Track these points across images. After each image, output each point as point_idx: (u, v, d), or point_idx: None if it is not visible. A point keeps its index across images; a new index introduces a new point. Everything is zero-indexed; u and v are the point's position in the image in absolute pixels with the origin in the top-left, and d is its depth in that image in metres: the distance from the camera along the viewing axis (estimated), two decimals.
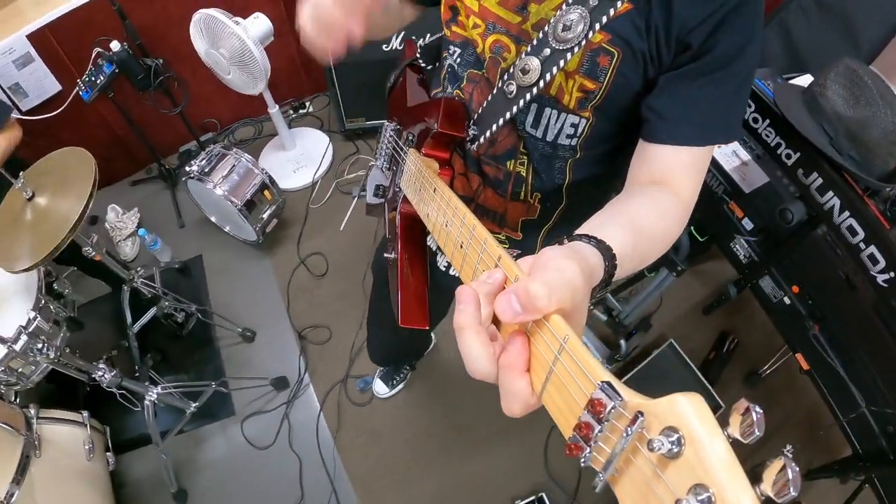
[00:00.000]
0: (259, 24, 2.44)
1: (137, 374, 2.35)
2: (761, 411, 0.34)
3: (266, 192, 2.69)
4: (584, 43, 0.75)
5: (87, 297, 2.79)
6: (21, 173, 1.76)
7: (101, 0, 2.45)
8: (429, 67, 1.07)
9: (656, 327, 2.52)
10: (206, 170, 2.57)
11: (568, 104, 0.84)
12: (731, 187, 1.72)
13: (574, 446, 0.42)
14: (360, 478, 2.30)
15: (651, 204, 0.76)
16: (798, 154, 1.45)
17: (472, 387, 2.43)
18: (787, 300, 1.67)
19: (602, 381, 0.40)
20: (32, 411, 1.85)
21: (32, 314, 1.68)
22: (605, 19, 0.73)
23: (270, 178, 2.70)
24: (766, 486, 0.32)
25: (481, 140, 0.92)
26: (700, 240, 1.88)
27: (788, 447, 0.33)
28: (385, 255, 1.03)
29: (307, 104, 3.54)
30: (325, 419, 2.43)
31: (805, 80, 1.67)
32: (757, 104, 1.53)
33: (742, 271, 1.79)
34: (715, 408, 0.38)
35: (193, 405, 2.16)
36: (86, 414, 2.02)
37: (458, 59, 0.95)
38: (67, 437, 1.95)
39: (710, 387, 2.26)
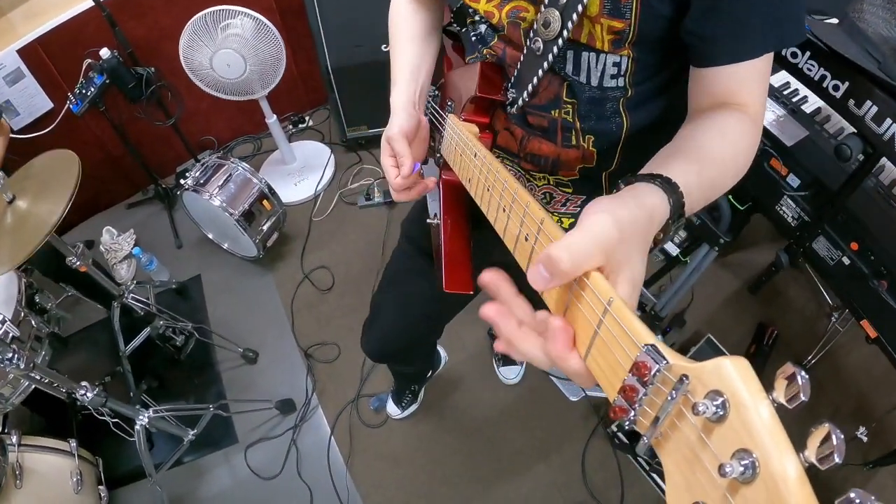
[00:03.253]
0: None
1: (131, 400, 2.18)
2: (807, 376, 0.34)
3: (265, 202, 2.54)
4: None
5: (84, 322, 2.65)
6: (1, 174, 1.66)
7: (92, 11, 2.38)
8: (462, 30, 1.02)
9: (691, 323, 2.35)
10: (202, 181, 2.44)
11: (603, 48, 0.79)
12: (771, 142, 1.59)
13: (619, 409, 0.43)
14: None
15: (714, 129, 0.72)
16: (847, 84, 1.32)
17: (498, 401, 2.28)
18: (846, 260, 1.52)
19: (647, 344, 0.40)
20: (13, 438, 1.69)
21: (1, 316, 1.53)
22: None
23: (269, 186, 2.56)
24: (811, 453, 0.32)
25: (520, 102, 0.90)
26: (740, 208, 1.72)
27: (862, 429, 0.38)
28: (428, 220, 1.05)
29: (307, 118, 3.46)
30: (336, 443, 2.25)
31: (832, 21, 1.57)
32: None
33: (792, 235, 1.64)
34: None
35: (192, 432, 1.99)
36: (74, 443, 1.85)
37: (486, 23, 0.92)
38: (53, 466, 1.79)
39: None
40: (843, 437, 0.31)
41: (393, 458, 2.20)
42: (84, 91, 2.47)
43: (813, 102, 1.66)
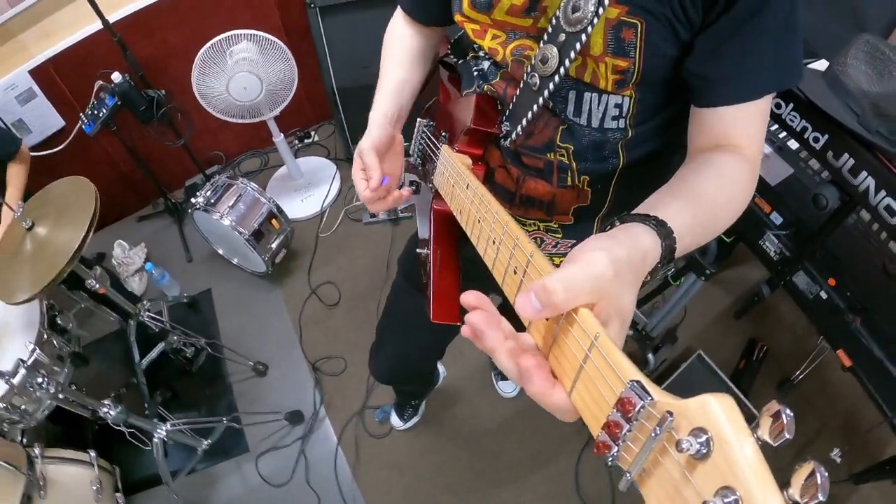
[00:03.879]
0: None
1: (147, 412, 2.27)
2: (791, 414, 0.34)
3: (273, 221, 2.63)
4: (595, 21, 0.71)
5: (97, 334, 2.73)
6: (20, 203, 1.73)
7: (103, 33, 2.44)
8: (459, 62, 1.05)
9: (682, 339, 2.42)
10: (212, 200, 2.53)
11: (606, 88, 0.80)
12: (757, 181, 1.66)
13: (602, 444, 0.42)
14: None
15: (710, 171, 0.73)
16: (826, 136, 1.39)
17: (496, 413, 2.37)
18: (823, 294, 1.59)
19: (632, 380, 0.40)
20: (37, 450, 1.77)
21: (31, 346, 1.61)
22: None
23: (277, 206, 2.65)
24: (795, 491, 0.32)
25: (514, 135, 0.90)
26: (727, 241, 1.81)
27: (836, 450, 0.44)
28: (417, 250, 1.05)
29: (312, 133, 3.53)
30: (343, 453, 2.34)
31: (821, 64, 1.62)
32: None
33: (774, 269, 1.72)
34: (750, 418, 0.36)
35: (205, 442, 2.08)
36: (93, 453, 1.93)
37: (489, 59, 0.94)
38: (74, 477, 1.87)
39: (743, 397, 2.17)
40: (827, 475, 0.31)
41: (397, 467, 2.28)
42: (96, 112, 2.54)
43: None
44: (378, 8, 2.51)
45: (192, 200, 2.55)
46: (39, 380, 1.50)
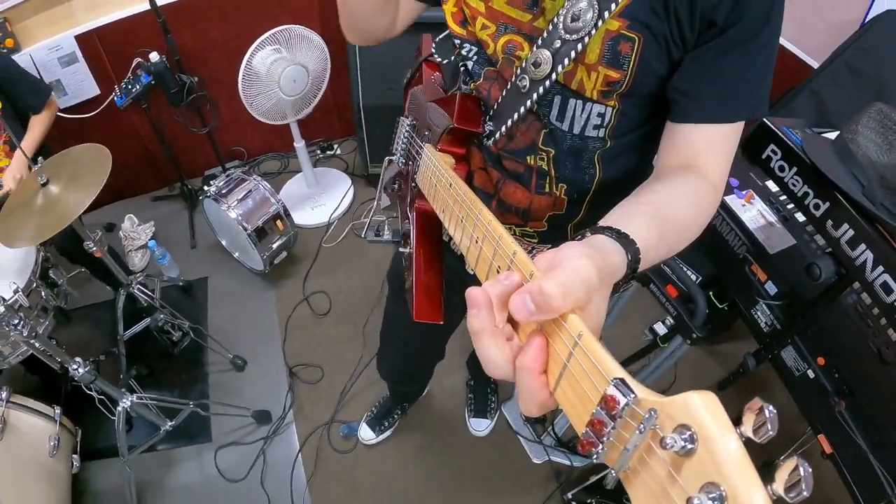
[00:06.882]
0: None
1: (120, 384, 2.29)
2: (775, 410, 0.35)
3: (278, 222, 2.68)
4: (593, 32, 0.73)
5: (90, 300, 2.78)
6: (40, 158, 1.79)
7: (148, 14, 2.55)
8: (444, 62, 1.08)
9: None
10: (224, 191, 2.59)
11: (591, 96, 0.83)
12: (755, 247, 1.62)
13: (587, 442, 0.42)
14: None
15: (678, 190, 0.74)
16: (827, 204, 1.35)
17: (465, 450, 2.34)
18: (810, 373, 1.54)
19: (615, 378, 0.40)
20: (3, 394, 1.80)
21: (14, 286, 1.65)
22: (614, 6, 0.72)
23: (285, 209, 2.70)
24: (779, 486, 0.32)
25: (497, 136, 0.92)
26: (719, 306, 1.78)
27: None
28: (400, 249, 1.04)
29: (335, 146, 3.59)
30: (302, 460, 2.33)
31: (834, 135, 1.59)
32: (784, 151, 1.45)
33: (763, 340, 1.67)
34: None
35: (169, 423, 2.08)
36: (58, 410, 1.95)
37: (476, 57, 0.94)
38: (34, 427, 1.89)
39: None
40: (811, 470, 0.32)
41: (353, 486, 2.27)
42: (130, 87, 2.65)
43: None
44: (414, 33, 2.57)
45: (206, 188, 2.61)
46: (16, 321, 1.52)
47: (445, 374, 2.52)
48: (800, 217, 1.66)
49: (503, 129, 0.90)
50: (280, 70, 2.51)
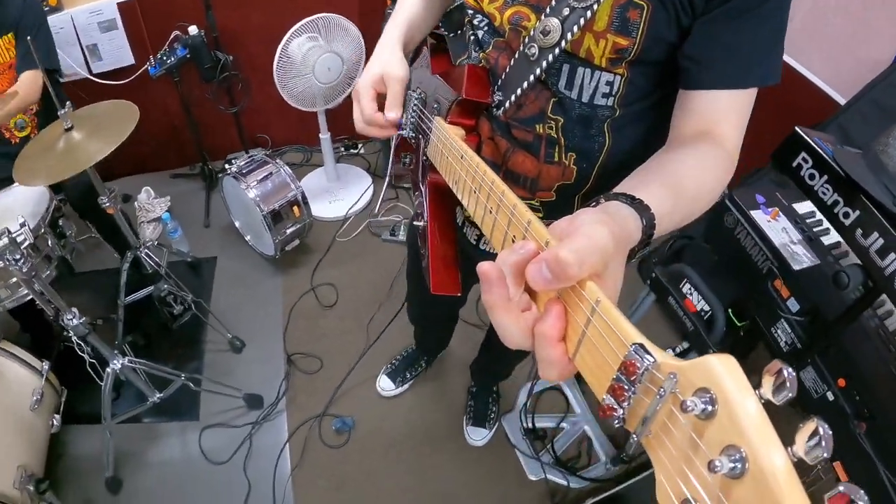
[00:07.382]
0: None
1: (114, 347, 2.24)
2: (794, 372, 0.34)
3: (295, 209, 2.65)
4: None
5: (97, 265, 2.77)
6: (68, 103, 1.78)
7: None
8: (451, 35, 1.06)
9: None
10: (245, 171, 2.57)
11: (600, 64, 0.83)
12: (779, 263, 1.60)
13: (608, 408, 0.43)
14: None
15: (692, 157, 0.74)
16: (857, 213, 1.35)
17: (459, 458, 2.27)
18: (830, 396, 1.50)
19: (634, 343, 0.40)
20: None
21: (22, 220, 1.63)
22: None
23: (304, 196, 2.67)
24: (799, 448, 0.32)
25: (506, 105, 0.92)
26: (738, 324, 1.73)
27: None
28: (414, 223, 1.05)
29: (359, 145, 3.58)
30: (289, 451, 2.26)
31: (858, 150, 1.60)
32: (815, 160, 1.45)
33: (782, 360, 1.61)
34: None
35: (158, 395, 2.02)
36: (47, 364, 1.91)
37: (486, 27, 0.95)
38: (19, 377, 1.85)
39: None
40: (830, 431, 0.31)
41: (338, 482, 2.19)
42: (165, 59, 2.67)
43: (834, 235, 1.65)
44: None
45: (227, 167, 2.59)
46: (18, 256, 1.48)
47: (448, 380, 2.46)
48: (825, 240, 1.67)
49: (512, 98, 0.90)
50: (315, 57, 2.51)
